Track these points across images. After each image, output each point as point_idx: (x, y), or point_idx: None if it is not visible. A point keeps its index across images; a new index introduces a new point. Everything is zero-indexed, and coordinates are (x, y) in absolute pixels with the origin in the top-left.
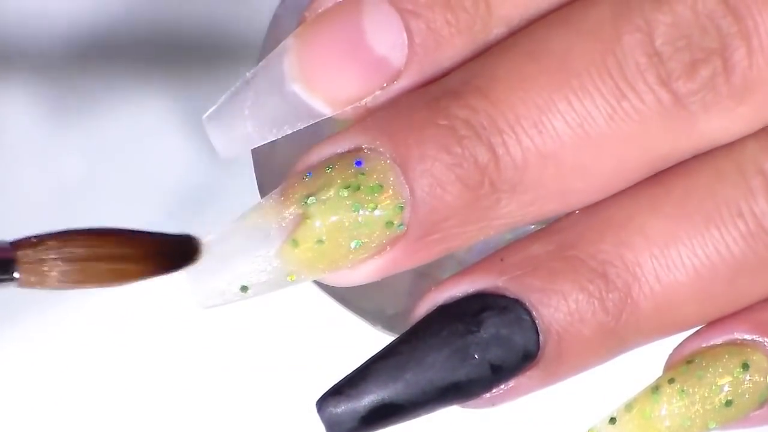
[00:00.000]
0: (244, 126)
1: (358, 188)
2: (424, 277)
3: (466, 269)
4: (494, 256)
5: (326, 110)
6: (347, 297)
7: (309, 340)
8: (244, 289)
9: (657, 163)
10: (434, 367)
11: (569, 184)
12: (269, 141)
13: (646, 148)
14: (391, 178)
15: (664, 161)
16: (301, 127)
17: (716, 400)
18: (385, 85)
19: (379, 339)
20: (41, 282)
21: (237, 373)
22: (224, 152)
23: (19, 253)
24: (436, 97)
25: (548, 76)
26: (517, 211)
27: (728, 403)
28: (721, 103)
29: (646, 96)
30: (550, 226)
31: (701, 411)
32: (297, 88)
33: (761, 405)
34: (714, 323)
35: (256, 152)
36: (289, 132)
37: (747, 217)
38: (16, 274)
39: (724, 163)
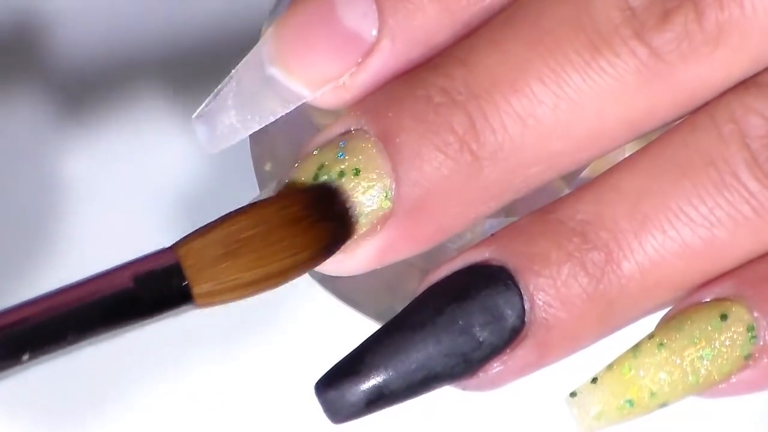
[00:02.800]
0: (229, 117)
1: (342, 175)
2: None
3: (460, 252)
4: (488, 237)
5: (305, 92)
6: (356, 299)
7: (317, 342)
8: None
9: (639, 122)
10: (424, 340)
11: (551, 146)
12: (254, 131)
13: (626, 103)
14: (375, 154)
15: (645, 119)
16: (284, 113)
17: (693, 352)
18: (359, 60)
19: None
20: (214, 304)
21: (246, 375)
22: (210, 146)
23: (195, 289)
24: (417, 71)
25: (523, 37)
26: (503, 181)
27: (706, 355)
28: (696, 50)
29: (621, 50)
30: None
31: (680, 363)
32: (275, 71)
33: (745, 361)
34: (700, 285)
35: (255, 153)
36: (273, 120)
37: (719, 165)
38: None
39: (699, 116)
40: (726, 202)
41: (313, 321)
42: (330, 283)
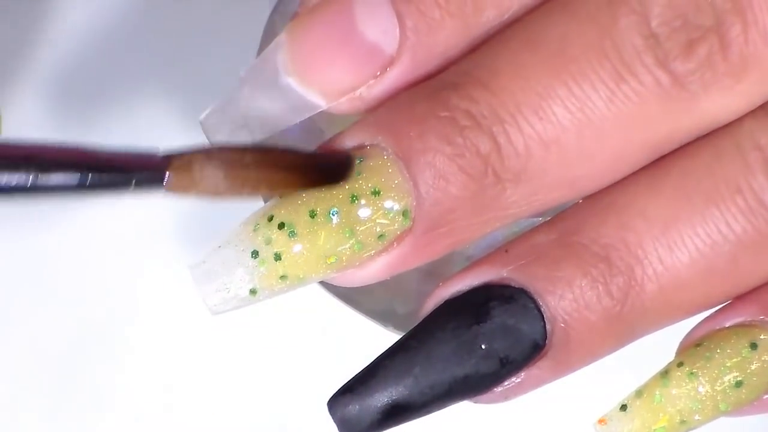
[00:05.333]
0: (239, 123)
1: (356, 200)
2: (433, 275)
3: (471, 264)
4: (499, 249)
5: (321, 102)
6: (356, 299)
7: (317, 342)
8: (253, 292)
9: (660, 146)
10: (443, 360)
11: (573, 171)
12: (266, 138)
13: (648, 130)
14: (394, 173)
15: (666, 143)
16: (298, 122)
17: (725, 381)
18: (378, 73)
19: (390, 339)
20: (192, 186)
21: (248, 376)
22: None
23: (172, 157)
24: (436, 90)
25: (546, 63)
26: (523, 201)
27: (738, 384)
28: (719, 81)
29: (645, 78)
30: (555, 217)
31: (711, 393)
32: (291, 81)
33: None
34: (722, 308)
35: None
36: (285, 127)
37: (746, 193)
38: (166, 178)
39: (722, 141)
40: (753, 228)
41: (312, 321)
42: (329, 284)
